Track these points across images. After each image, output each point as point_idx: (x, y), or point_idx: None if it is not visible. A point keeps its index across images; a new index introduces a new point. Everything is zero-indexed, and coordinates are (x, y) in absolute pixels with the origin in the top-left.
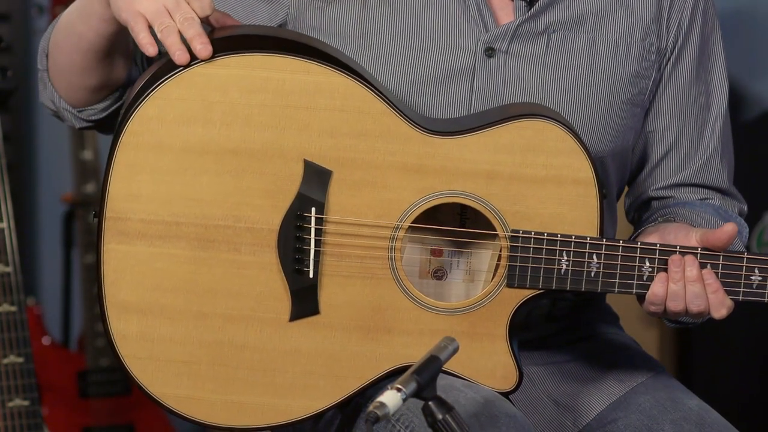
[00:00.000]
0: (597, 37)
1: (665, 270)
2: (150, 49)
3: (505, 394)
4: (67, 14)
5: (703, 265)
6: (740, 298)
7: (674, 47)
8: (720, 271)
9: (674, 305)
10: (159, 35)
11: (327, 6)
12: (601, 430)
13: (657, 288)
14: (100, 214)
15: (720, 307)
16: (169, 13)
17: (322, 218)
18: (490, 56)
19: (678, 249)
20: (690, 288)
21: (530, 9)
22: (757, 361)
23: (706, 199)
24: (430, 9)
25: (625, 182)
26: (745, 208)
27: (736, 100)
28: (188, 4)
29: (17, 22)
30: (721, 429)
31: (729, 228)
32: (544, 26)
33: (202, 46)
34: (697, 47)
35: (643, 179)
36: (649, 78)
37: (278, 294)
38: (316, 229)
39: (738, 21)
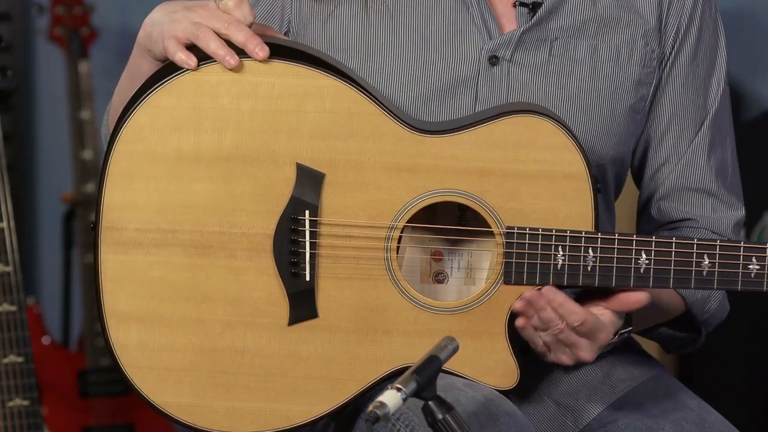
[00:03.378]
0: (599, 44)
1: (661, 262)
2: (191, 63)
3: (506, 392)
4: (119, 93)
5: (699, 255)
6: (739, 288)
7: (671, 52)
8: (717, 261)
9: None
10: (199, 44)
11: (329, 20)
12: (602, 430)
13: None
14: (96, 224)
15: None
16: (207, 24)
17: (317, 221)
18: (493, 64)
19: (674, 240)
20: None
21: (533, 16)
22: (758, 361)
23: (687, 219)
24: (434, 18)
25: (623, 183)
26: (740, 213)
27: (737, 100)
28: (229, 13)
29: (17, 22)
30: (722, 429)
31: (638, 297)
32: (547, 33)
33: (259, 47)
34: (692, 51)
35: (647, 185)
36: (651, 84)
37: (276, 298)
38: (310, 231)
39: (739, 21)
